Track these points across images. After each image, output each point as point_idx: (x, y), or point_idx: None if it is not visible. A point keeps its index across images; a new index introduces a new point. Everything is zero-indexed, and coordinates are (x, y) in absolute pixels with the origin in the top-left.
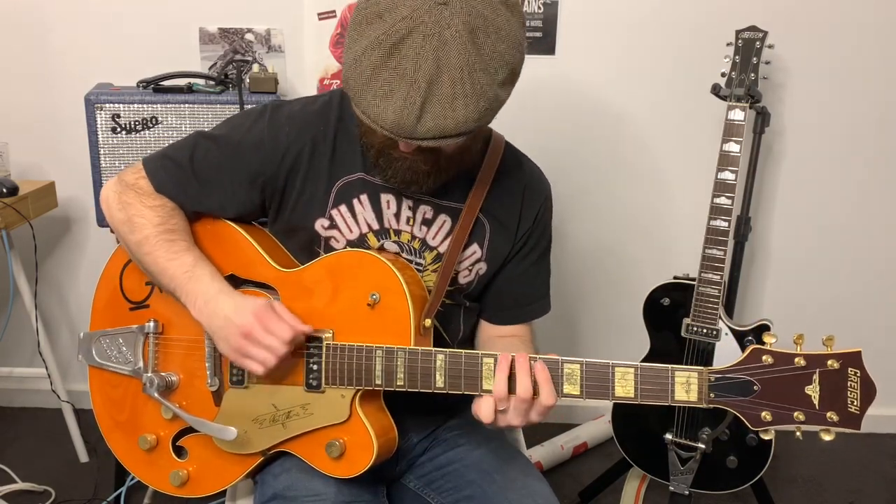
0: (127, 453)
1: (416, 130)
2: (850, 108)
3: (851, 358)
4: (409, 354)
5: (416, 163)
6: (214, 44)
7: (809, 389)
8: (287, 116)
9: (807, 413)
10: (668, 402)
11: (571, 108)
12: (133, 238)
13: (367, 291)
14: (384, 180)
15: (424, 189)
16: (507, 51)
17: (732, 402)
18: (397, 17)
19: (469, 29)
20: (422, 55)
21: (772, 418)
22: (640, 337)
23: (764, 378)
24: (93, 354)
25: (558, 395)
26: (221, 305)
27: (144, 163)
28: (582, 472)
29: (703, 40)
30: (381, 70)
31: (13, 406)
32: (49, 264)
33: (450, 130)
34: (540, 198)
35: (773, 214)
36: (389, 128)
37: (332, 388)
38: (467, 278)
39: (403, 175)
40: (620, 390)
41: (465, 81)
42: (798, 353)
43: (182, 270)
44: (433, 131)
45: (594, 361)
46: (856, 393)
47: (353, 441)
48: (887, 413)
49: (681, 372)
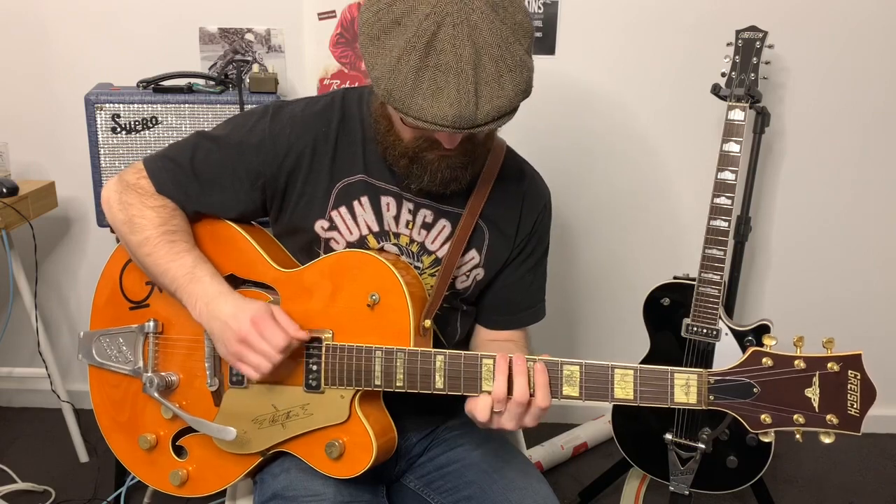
0: (127, 453)
1: (476, 118)
2: (850, 108)
3: (852, 361)
4: (409, 355)
5: (453, 158)
6: (214, 44)
7: (809, 392)
8: (289, 117)
9: (806, 416)
10: (667, 404)
11: (571, 108)
12: (134, 239)
13: (366, 292)
14: (421, 187)
15: (462, 185)
16: (524, 19)
17: (732, 404)
18: (420, 17)
19: (491, 6)
20: (458, 44)
21: (771, 421)
22: (640, 337)
23: (764, 380)
24: (93, 354)
25: (557, 398)
26: (221, 308)
27: (145, 163)
28: (582, 472)
29: (703, 40)
30: (423, 71)
31: (13, 406)
32: (49, 264)
33: (505, 107)
34: (539, 205)
35: (773, 214)
36: (451, 123)
37: (331, 388)
38: (464, 283)
39: (443, 175)
40: (620, 392)
41: (505, 57)
42: (798, 355)
43: (183, 272)
44: (492, 113)
45: (593, 363)
46: (856, 395)
47: (353, 441)
48: (887, 413)
49: (680, 374)
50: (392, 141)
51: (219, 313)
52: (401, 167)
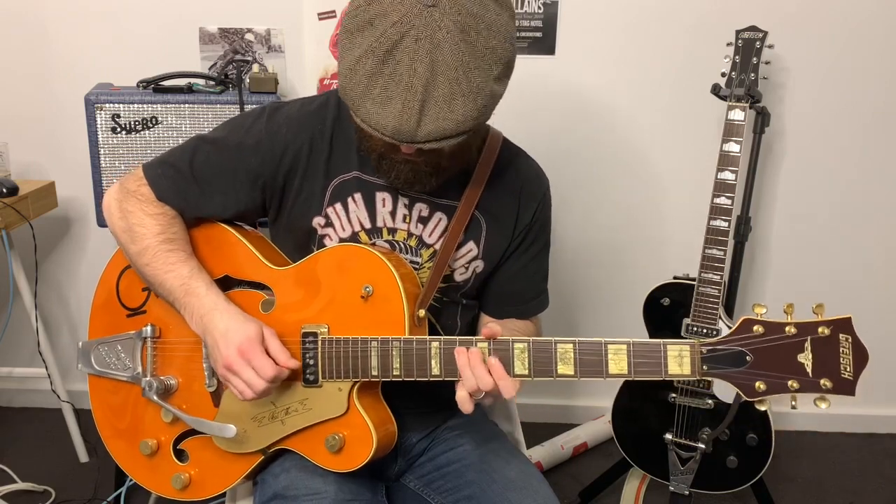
0: (129, 459)
1: (416, 135)
2: (850, 108)
3: (842, 324)
4: (404, 343)
5: (417, 164)
6: (214, 44)
7: (802, 357)
8: (285, 117)
9: (801, 381)
10: (661, 376)
11: (571, 107)
12: (134, 248)
13: (360, 284)
14: (388, 182)
15: (428, 188)
16: (499, 45)
17: (726, 373)
18: (388, 24)
19: (460, 28)
20: (416, 59)
21: (766, 388)
22: (640, 337)
23: (756, 348)
24: (92, 363)
25: (552, 377)
26: (215, 323)
27: (145, 170)
28: (582, 472)
29: (703, 40)
30: (377, 77)
31: (13, 406)
32: (49, 264)
33: (450, 131)
34: (538, 194)
35: (773, 214)
36: (391, 134)
37: (329, 381)
38: (464, 276)
39: (406, 176)
40: (614, 367)
41: (461, 81)
42: (789, 322)
43: (178, 283)
44: (434, 134)
45: (587, 340)
46: (848, 359)
47: (353, 434)
48: (887, 413)
49: (673, 346)
50: (364, 135)
51: (212, 329)
52: (373, 161)
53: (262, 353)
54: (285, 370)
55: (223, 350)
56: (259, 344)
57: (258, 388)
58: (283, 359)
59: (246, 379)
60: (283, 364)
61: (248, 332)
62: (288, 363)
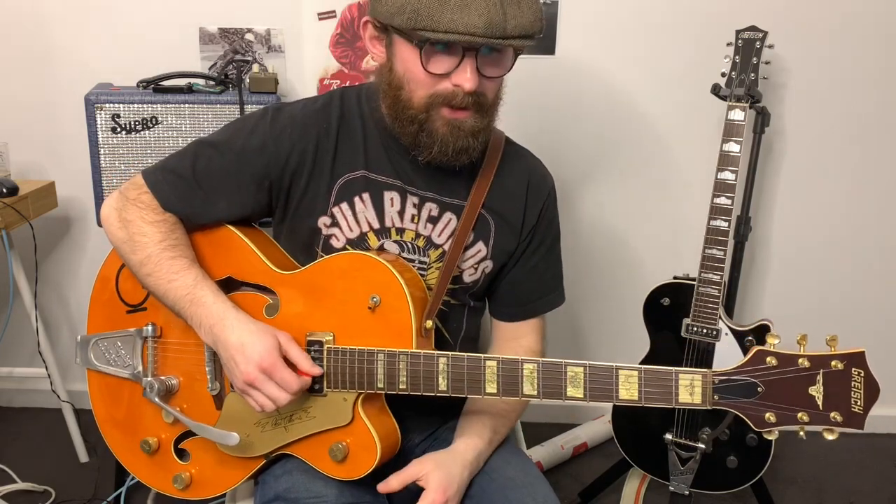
0: (129, 457)
1: (506, 27)
2: (850, 108)
3: (855, 358)
4: (412, 358)
5: (463, 123)
6: (214, 44)
7: (813, 390)
8: (289, 118)
9: (811, 413)
10: (672, 404)
11: (571, 108)
12: (135, 258)
13: (367, 294)
14: (431, 158)
15: (472, 153)
16: None
17: (736, 404)
18: None
19: None
20: None
21: (776, 419)
22: (640, 337)
23: (768, 379)
24: (91, 358)
25: (562, 399)
26: (226, 336)
27: (145, 177)
28: (582, 472)
29: (702, 40)
30: None
31: (13, 406)
32: (49, 264)
33: (528, 28)
34: (543, 192)
35: (773, 214)
36: (483, 31)
37: (334, 391)
38: (473, 277)
39: (455, 141)
40: (624, 393)
41: None
42: (802, 354)
43: (184, 292)
44: (518, 28)
45: (598, 364)
46: (859, 393)
47: (357, 443)
48: (887, 413)
49: (685, 374)
50: (402, 107)
51: (225, 341)
52: (408, 135)
53: (284, 366)
54: (308, 379)
55: (242, 366)
56: (279, 356)
57: (282, 401)
58: (307, 366)
59: (268, 393)
60: (306, 371)
61: (266, 345)
62: (312, 370)
